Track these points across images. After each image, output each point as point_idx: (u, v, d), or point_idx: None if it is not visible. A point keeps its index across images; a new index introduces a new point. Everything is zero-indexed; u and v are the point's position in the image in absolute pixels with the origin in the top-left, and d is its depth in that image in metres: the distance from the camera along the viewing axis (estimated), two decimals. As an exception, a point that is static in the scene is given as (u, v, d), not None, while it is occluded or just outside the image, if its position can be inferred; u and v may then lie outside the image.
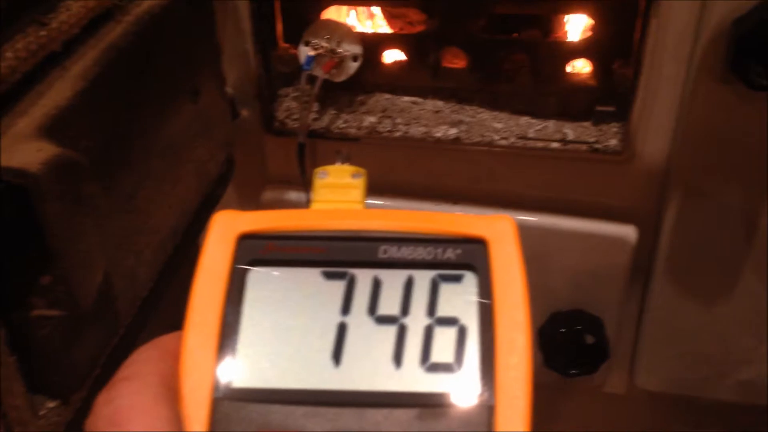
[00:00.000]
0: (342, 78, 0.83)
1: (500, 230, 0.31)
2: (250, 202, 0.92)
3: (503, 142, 0.82)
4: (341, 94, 0.86)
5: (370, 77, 0.86)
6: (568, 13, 0.83)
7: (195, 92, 0.69)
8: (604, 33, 0.80)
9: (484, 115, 0.85)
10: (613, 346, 0.85)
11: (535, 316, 0.29)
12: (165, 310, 0.60)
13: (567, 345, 0.83)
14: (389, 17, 0.90)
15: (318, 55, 0.82)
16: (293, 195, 0.89)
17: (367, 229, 0.31)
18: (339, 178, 0.37)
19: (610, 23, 0.79)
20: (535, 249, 0.84)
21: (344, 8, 0.89)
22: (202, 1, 0.70)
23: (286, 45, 0.86)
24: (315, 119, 0.85)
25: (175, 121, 0.65)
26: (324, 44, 0.82)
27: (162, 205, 0.62)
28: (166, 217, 0.64)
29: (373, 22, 0.92)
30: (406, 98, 0.86)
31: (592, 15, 0.80)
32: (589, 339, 0.83)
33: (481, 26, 0.83)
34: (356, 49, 0.83)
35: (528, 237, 0.31)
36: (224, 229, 0.31)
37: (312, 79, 0.82)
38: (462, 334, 0.29)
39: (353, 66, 0.83)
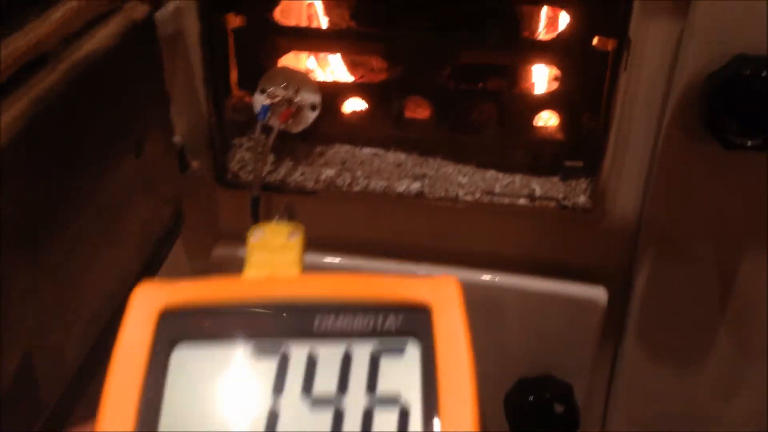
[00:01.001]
0: (299, 128, 0.79)
1: (445, 295, 0.29)
2: (201, 258, 0.86)
3: (468, 198, 0.78)
4: (298, 144, 0.81)
5: (329, 127, 0.81)
6: (534, 63, 0.80)
7: (138, 145, 0.64)
8: (571, 84, 0.77)
9: (449, 168, 0.81)
10: (583, 413, 0.80)
11: (501, 381, 0.24)
12: (97, 388, 0.54)
13: (535, 414, 0.78)
14: (350, 65, 0.87)
15: (274, 104, 0.78)
16: (246, 250, 0.84)
17: (301, 297, 0.29)
18: (274, 238, 0.34)
19: (578, 74, 0.76)
20: (501, 310, 0.79)
21: (303, 55, 0.85)
22: (148, 46, 0.65)
23: (241, 93, 0.82)
24: (270, 171, 0.80)
25: (115, 177, 0.60)
26: (280, 92, 0.78)
27: (97, 273, 0.56)
28: (102, 285, 0.58)
29: (333, 69, 0.88)
30: (367, 150, 0.82)
31: (558, 66, 0.77)
32: (558, 408, 0.78)
33: (446, 75, 0.79)
34: (315, 98, 0.78)
35: (493, 297, 0.27)
36: (144, 305, 0.29)
37: (267, 129, 0.78)
38: (404, 416, 0.26)
39: (311, 116, 0.79)
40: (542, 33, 0.81)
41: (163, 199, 0.69)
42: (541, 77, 0.83)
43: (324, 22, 0.85)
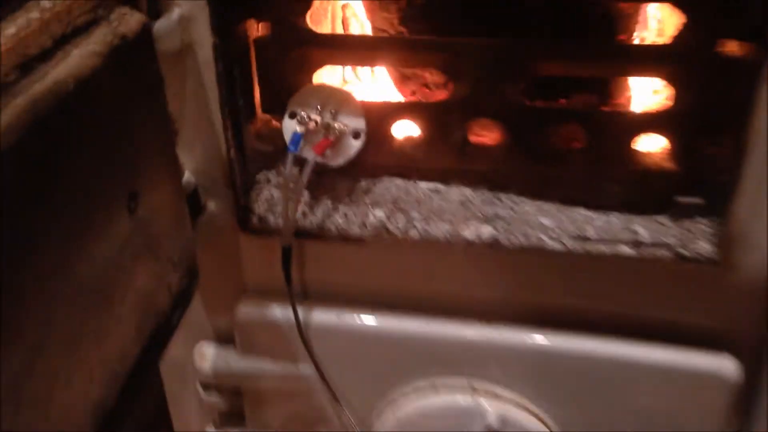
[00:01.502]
0: (340, 161, 0.64)
1: None
2: (222, 315, 0.71)
3: (554, 245, 0.62)
4: (339, 179, 0.66)
5: (377, 157, 0.66)
6: (635, 74, 0.64)
7: (133, 197, 0.48)
8: (686, 100, 0.60)
9: (527, 206, 0.65)
10: None
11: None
12: None
13: None
14: (399, 79, 0.70)
15: (308, 132, 0.62)
16: (277, 311, 0.69)
17: None
18: None
19: (696, 88, 0.59)
20: (598, 385, 0.63)
21: (340, 69, 0.69)
22: (143, 67, 0.50)
23: (266, 116, 0.66)
24: (304, 214, 0.65)
25: (100, 245, 0.45)
26: (315, 117, 0.62)
27: (78, 372, 0.41)
28: (85, 388, 0.43)
29: (378, 86, 0.72)
30: (424, 185, 0.66)
31: (669, 77, 0.60)
32: None
33: (521, 91, 0.63)
34: (358, 123, 0.63)
35: (588, 368, 0.25)
36: None
37: (300, 162, 0.62)
38: None
39: (354, 145, 0.63)
40: (645, 37, 0.64)
41: (169, 262, 0.54)
42: (642, 91, 0.67)
43: (366, 28, 0.69)
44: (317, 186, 0.66)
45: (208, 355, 0.73)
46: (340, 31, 0.71)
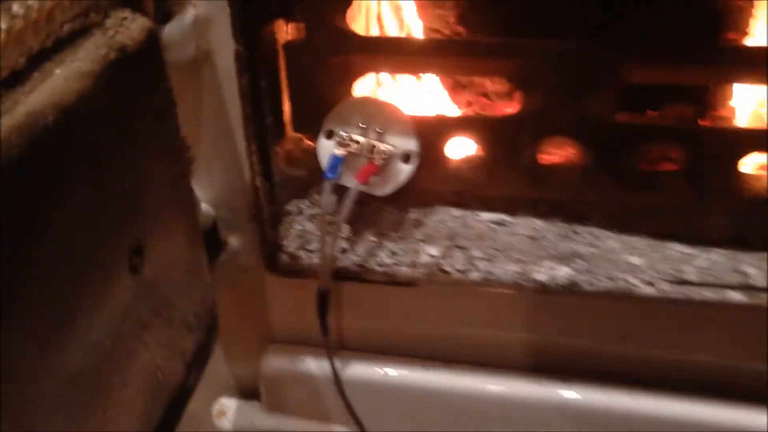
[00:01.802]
0: (387, 190, 0.53)
1: None
2: (245, 370, 0.61)
3: (646, 290, 0.52)
4: (384, 210, 0.56)
5: (429, 182, 0.55)
6: (752, 82, 0.52)
7: (136, 251, 0.38)
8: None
9: (611, 242, 0.55)
10: None
11: None
12: None
13: None
14: (453, 87, 0.59)
15: (349, 155, 0.51)
16: (310, 362, 0.58)
17: None
18: None
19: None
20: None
21: (385, 77, 0.59)
22: (149, 80, 0.39)
23: (297, 136, 0.56)
24: (343, 250, 0.54)
25: (95, 320, 0.34)
26: (358, 137, 0.52)
27: None
28: None
29: (428, 96, 0.61)
30: (486, 216, 0.57)
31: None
32: None
33: (605, 103, 0.52)
34: (409, 144, 0.52)
35: None
36: None
37: (339, 190, 0.51)
38: None
39: (404, 170, 0.53)
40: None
41: (183, 325, 0.44)
42: (747, 101, 0.55)
43: (411, 26, 0.58)
44: (358, 217, 0.56)
45: (229, 412, 0.64)
46: (374, 30, 0.60)
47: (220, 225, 0.55)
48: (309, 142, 0.56)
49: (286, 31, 0.53)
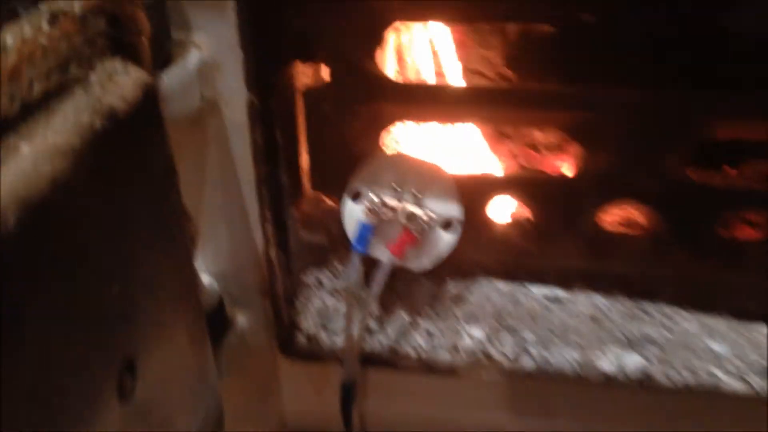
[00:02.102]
0: (425, 263, 0.45)
1: None
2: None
3: (733, 384, 0.43)
4: (419, 282, 0.47)
5: (471, 251, 0.47)
6: None
7: (127, 368, 0.30)
8: None
9: (687, 323, 0.47)
10: None
11: None
12: None
13: None
14: (495, 137, 0.51)
15: (380, 222, 0.43)
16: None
17: None
18: None
19: None
20: None
21: (422, 127, 0.51)
22: (147, 151, 0.31)
23: (316, 194, 0.47)
24: (370, 330, 0.46)
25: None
26: (391, 201, 0.43)
27: None
28: None
29: (467, 151, 0.53)
30: (539, 291, 0.48)
31: None
32: None
33: (679, 160, 0.44)
34: (451, 210, 0.44)
35: None
36: None
37: (369, 264, 0.43)
38: None
39: (446, 240, 0.45)
40: None
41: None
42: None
43: (454, 70, 0.50)
44: (388, 291, 0.48)
45: None
46: (392, 65, 0.52)
47: (227, 301, 0.47)
48: (330, 202, 0.48)
49: (307, 75, 0.45)
